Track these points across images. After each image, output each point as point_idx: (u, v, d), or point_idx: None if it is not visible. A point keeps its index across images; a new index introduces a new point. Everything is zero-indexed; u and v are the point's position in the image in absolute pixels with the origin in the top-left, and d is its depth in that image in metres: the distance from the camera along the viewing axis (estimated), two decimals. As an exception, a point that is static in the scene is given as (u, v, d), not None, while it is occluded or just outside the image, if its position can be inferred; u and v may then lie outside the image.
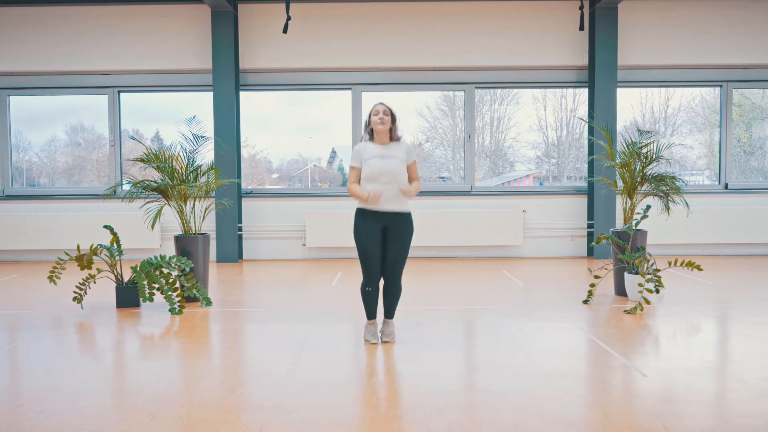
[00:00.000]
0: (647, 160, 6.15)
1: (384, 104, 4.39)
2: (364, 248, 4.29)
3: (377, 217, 4.29)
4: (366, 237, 4.28)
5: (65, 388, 3.52)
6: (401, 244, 4.32)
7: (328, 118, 9.93)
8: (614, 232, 6.17)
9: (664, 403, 3.21)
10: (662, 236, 8.80)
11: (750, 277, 7.30)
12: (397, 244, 4.31)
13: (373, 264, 4.30)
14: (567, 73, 9.26)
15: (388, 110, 4.38)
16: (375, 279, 4.36)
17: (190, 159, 6.24)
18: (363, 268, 4.35)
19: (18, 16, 9.15)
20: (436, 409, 3.14)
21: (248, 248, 9.27)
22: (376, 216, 4.29)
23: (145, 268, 5.60)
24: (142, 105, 9.76)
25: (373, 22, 9.14)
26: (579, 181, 9.83)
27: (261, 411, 3.14)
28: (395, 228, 4.30)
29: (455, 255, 9.24)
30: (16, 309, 5.79)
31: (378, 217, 4.28)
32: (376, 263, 4.30)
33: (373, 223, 4.28)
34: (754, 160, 9.90)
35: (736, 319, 5.18)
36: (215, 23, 8.84)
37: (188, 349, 4.41)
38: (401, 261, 4.36)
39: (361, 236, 4.30)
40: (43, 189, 9.62)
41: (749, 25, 9.14)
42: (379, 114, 4.33)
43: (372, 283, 4.37)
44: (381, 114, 4.33)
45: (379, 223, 4.29)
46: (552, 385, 3.50)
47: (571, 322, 5.04)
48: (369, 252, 4.28)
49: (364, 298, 4.45)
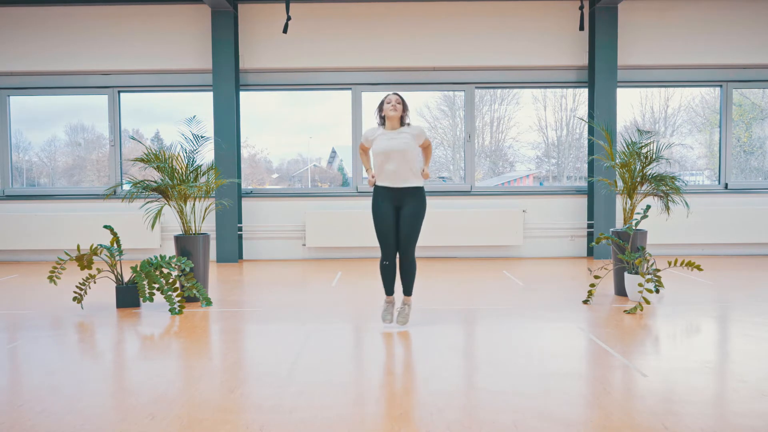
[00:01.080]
0: (647, 160, 6.15)
1: (398, 94, 4.74)
2: (380, 224, 4.67)
3: (391, 194, 4.66)
4: (381, 214, 4.66)
5: (65, 388, 3.52)
6: (413, 221, 4.65)
7: (328, 118, 9.94)
8: (614, 232, 6.17)
9: (664, 403, 3.21)
10: (662, 236, 8.80)
11: (750, 277, 7.30)
12: (410, 219, 4.64)
13: (388, 240, 4.68)
14: (567, 73, 9.26)
15: (401, 99, 4.73)
16: (391, 254, 4.73)
17: (190, 159, 6.24)
18: (380, 244, 4.74)
19: (18, 16, 9.16)
20: (436, 409, 3.14)
21: (248, 248, 9.27)
22: (390, 193, 4.66)
23: (145, 268, 5.60)
24: (142, 105, 9.76)
25: (373, 22, 9.15)
26: (579, 181, 9.83)
27: (261, 411, 3.15)
28: (408, 203, 4.66)
29: (455, 255, 9.24)
30: (16, 309, 5.79)
31: (392, 193, 4.66)
32: (391, 238, 4.69)
33: (388, 201, 4.67)
34: (754, 160, 9.90)
35: (736, 319, 5.18)
36: (215, 23, 8.84)
37: (188, 349, 4.41)
38: (413, 236, 4.69)
39: (376, 213, 4.69)
40: (43, 189, 9.63)
41: (749, 25, 9.14)
42: (391, 102, 4.67)
43: (389, 257, 4.74)
44: (393, 102, 4.67)
45: (393, 200, 4.67)
46: (552, 385, 3.50)
47: (571, 322, 5.04)
48: (384, 228, 4.66)
49: (382, 272, 4.82)
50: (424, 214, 4.72)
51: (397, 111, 4.65)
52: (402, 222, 4.66)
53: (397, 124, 4.71)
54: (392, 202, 4.67)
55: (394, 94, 4.73)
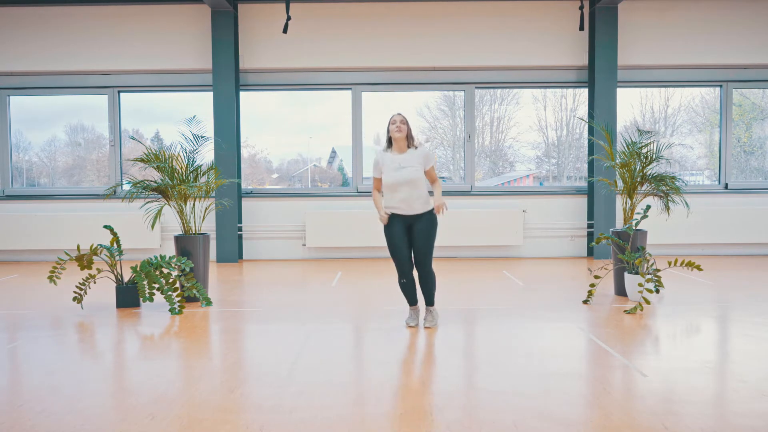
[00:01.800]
0: (647, 160, 6.15)
1: (401, 114, 4.85)
2: (393, 246, 4.80)
3: (402, 219, 4.79)
4: (394, 237, 4.78)
5: (65, 389, 3.52)
6: (426, 239, 4.77)
7: (328, 118, 9.94)
8: (614, 232, 6.17)
9: (664, 403, 3.21)
10: (662, 236, 8.80)
11: (750, 277, 7.30)
12: (422, 239, 4.76)
13: (401, 259, 4.81)
14: (567, 73, 9.26)
15: (405, 120, 4.84)
16: (407, 271, 4.85)
17: (190, 159, 6.24)
18: (395, 262, 4.85)
19: (18, 16, 9.16)
20: (436, 409, 3.14)
21: (248, 248, 9.27)
22: (401, 218, 4.79)
23: (145, 268, 5.60)
24: (142, 105, 9.76)
25: (373, 22, 9.14)
26: (579, 181, 9.83)
27: (261, 411, 3.15)
28: (419, 225, 4.77)
29: (455, 255, 9.24)
30: (16, 309, 5.79)
31: (403, 219, 4.79)
32: (405, 258, 4.81)
33: (399, 224, 4.78)
34: (754, 160, 9.90)
35: (736, 319, 5.18)
36: (215, 23, 8.84)
37: (188, 349, 4.41)
38: (428, 252, 4.80)
39: (388, 236, 4.81)
40: (43, 189, 9.63)
41: (749, 25, 9.14)
42: (396, 123, 4.78)
43: (405, 275, 4.86)
44: (398, 123, 4.78)
45: (404, 222, 4.79)
46: (552, 385, 3.50)
47: (571, 322, 5.04)
48: (397, 250, 4.79)
49: (402, 289, 4.95)
50: (436, 229, 4.82)
51: (402, 132, 4.76)
52: (415, 238, 4.76)
53: (404, 146, 4.81)
54: (403, 222, 4.78)
55: (398, 114, 4.82)
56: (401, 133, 4.76)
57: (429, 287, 4.89)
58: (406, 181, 4.69)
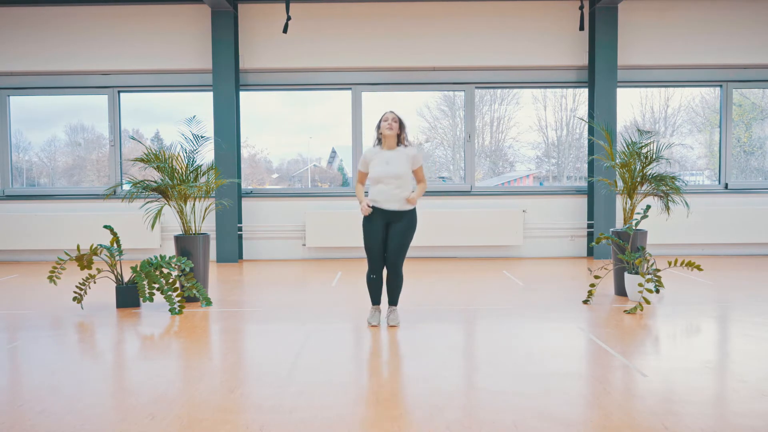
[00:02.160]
0: (647, 160, 6.15)
1: (394, 112, 4.82)
2: (368, 240, 4.78)
3: (382, 214, 4.76)
4: (370, 231, 4.77)
5: (65, 389, 3.52)
6: (402, 238, 4.77)
7: (328, 118, 9.93)
8: (614, 232, 6.17)
9: (664, 403, 3.21)
10: (662, 236, 8.80)
11: (750, 277, 7.30)
12: (398, 238, 4.76)
13: (375, 255, 4.80)
14: (567, 73, 9.27)
15: (397, 118, 4.82)
16: (378, 268, 4.85)
17: (190, 159, 6.24)
18: (368, 257, 4.85)
19: (18, 16, 9.16)
20: (436, 409, 3.14)
21: (248, 248, 9.27)
22: (381, 213, 4.76)
23: (145, 268, 5.60)
24: (141, 105, 9.76)
25: (373, 22, 9.14)
26: (579, 181, 9.83)
27: (261, 411, 3.15)
28: (397, 224, 4.77)
29: (455, 255, 9.24)
30: (16, 309, 5.79)
31: (383, 213, 4.76)
32: (378, 254, 4.80)
33: (378, 219, 4.76)
34: (754, 160, 9.90)
35: (736, 319, 5.18)
36: (215, 23, 8.84)
37: (188, 349, 4.41)
38: (401, 254, 4.80)
39: (366, 229, 4.80)
40: (43, 189, 9.63)
41: (749, 25, 9.14)
42: (388, 121, 4.76)
43: (376, 271, 4.85)
44: (390, 121, 4.76)
45: (384, 219, 4.77)
46: (552, 385, 3.50)
47: (571, 322, 5.04)
48: (372, 244, 4.78)
49: (369, 285, 4.94)
50: (414, 231, 4.83)
51: (393, 129, 4.74)
52: (391, 237, 4.76)
53: (394, 144, 4.80)
54: (383, 219, 4.76)
55: (391, 112, 4.81)
56: (392, 131, 4.75)
57: (396, 288, 4.89)
58: (392, 176, 4.69)
